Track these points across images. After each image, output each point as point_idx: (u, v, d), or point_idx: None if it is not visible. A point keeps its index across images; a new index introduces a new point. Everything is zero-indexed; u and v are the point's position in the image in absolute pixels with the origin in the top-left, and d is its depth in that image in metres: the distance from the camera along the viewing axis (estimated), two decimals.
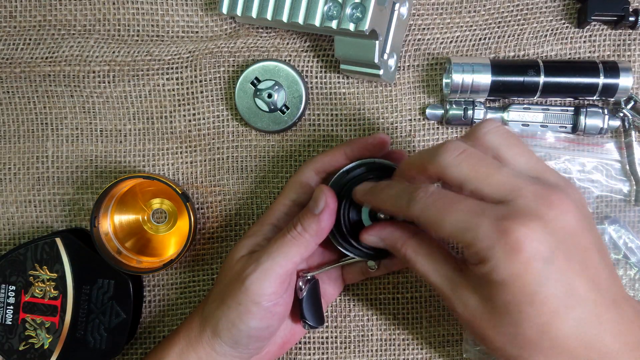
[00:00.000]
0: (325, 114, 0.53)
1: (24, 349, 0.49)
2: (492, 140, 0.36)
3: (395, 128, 0.53)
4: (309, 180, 0.47)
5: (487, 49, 0.53)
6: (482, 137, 0.37)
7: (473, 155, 0.35)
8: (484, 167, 0.34)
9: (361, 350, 0.53)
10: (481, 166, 0.34)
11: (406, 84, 0.53)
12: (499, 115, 0.52)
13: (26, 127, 0.54)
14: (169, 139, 0.54)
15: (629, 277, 0.52)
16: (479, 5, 0.53)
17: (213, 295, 0.46)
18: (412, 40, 0.53)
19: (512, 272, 0.32)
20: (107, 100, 0.53)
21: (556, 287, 0.32)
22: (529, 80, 0.50)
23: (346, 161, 0.46)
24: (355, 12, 0.45)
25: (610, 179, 0.52)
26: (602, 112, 0.51)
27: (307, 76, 0.53)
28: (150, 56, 0.53)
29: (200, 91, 0.53)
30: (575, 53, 0.53)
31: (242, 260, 0.44)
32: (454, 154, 0.35)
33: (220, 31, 0.54)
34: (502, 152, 0.36)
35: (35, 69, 0.53)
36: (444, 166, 0.35)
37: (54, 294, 0.49)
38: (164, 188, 0.51)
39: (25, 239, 0.54)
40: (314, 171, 0.47)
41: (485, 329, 0.34)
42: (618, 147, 0.52)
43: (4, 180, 0.54)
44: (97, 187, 0.54)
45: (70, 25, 0.54)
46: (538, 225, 0.32)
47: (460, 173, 0.35)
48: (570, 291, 0.32)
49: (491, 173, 0.34)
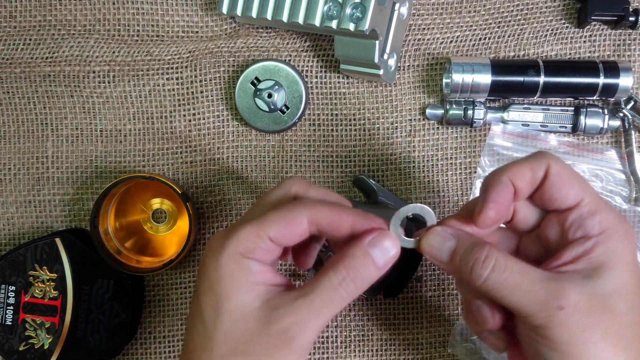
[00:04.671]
0: (325, 114, 0.53)
1: (24, 349, 0.49)
2: None
3: (395, 128, 0.53)
4: (299, 226, 0.36)
5: (487, 49, 0.53)
6: None
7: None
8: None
9: (361, 350, 0.53)
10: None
11: (406, 84, 0.53)
12: (499, 115, 0.52)
13: (26, 127, 0.54)
14: (169, 139, 0.53)
15: None
16: (479, 5, 0.53)
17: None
18: (412, 40, 0.53)
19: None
20: (107, 100, 0.53)
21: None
22: (529, 80, 0.50)
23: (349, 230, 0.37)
24: (355, 12, 0.45)
25: (609, 184, 0.52)
26: (602, 112, 0.51)
27: (307, 76, 0.53)
28: (150, 56, 0.53)
29: (200, 91, 0.53)
30: (575, 53, 0.53)
31: (269, 306, 0.34)
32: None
33: (220, 31, 0.54)
34: None
35: (35, 69, 0.53)
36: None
37: (54, 294, 0.49)
38: (164, 188, 0.51)
39: (25, 239, 0.54)
40: (307, 220, 0.35)
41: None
42: (619, 156, 0.52)
43: (4, 181, 0.54)
44: (97, 187, 0.54)
45: (70, 25, 0.54)
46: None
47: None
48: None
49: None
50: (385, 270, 0.35)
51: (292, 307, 0.34)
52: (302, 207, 0.35)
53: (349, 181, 0.54)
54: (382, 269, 0.35)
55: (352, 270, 0.35)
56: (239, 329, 0.34)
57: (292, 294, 0.34)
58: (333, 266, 0.35)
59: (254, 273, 0.35)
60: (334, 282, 0.34)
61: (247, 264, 0.34)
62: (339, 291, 0.34)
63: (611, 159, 0.52)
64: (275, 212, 0.35)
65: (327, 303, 0.34)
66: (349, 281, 0.34)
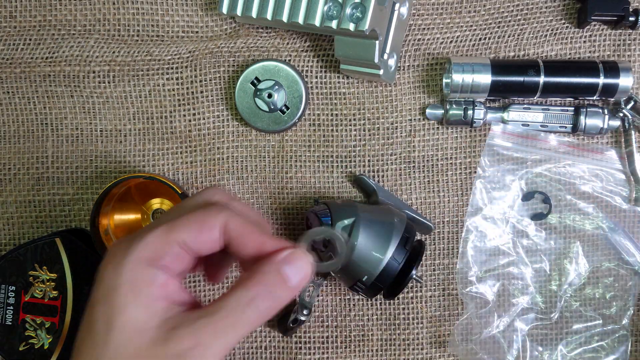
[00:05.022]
0: (325, 114, 0.53)
1: (24, 349, 0.49)
2: None
3: (395, 128, 0.53)
4: (211, 232, 0.33)
5: (487, 49, 0.53)
6: None
7: None
8: None
9: (361, 350, 0.53)
10: None
11: (406, 84, 0.53)
12: (499, 115, 0.52)
13: (26, 128, 0.54)
14: (169, 139, 0.53)
15: (621, 287, 0.52)
16: (479, 5, 0.53)
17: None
18: (412, 40, 0.53)
19: None
20: (107, 100, 0.53)
21: None
22: (529, 80, 0.50)
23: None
24: (355, 12, 0.45)
25: (609, 184, 0.52)
26: (602, 112, 0.51)
27: (307, 76, 0.53)
28: (150, 56, 0.53)
29: (200, 91, 0.53)
30: (575, 53, 0.53)
31: (159, 322, 0.31)
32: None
33: (220, 31, 0.54)
34: None
35: (35, 69, 0.53)
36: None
37: (53, 294, 0.49)
38: (164, 188, 0.51)
39: (25, 239, 0.54)
40: (219, 225, 0.33)
41: None
42: (619, 156, 0.52)
43: (4, 181, 0.54)
44: (97, 187, 0.54)
45: (70, 25, 0.54)
46: None
47: None
48: None
49: None
50: (298, 292, 0.32)
51: (193, 328, 0.30)
52: (215, 211, 0.33)
53: (349, 181, 0.54)
54: (295, 289, 0.32)
55: (263, 288, 0.31)
56: (130, 347, 0.30)
57: (195, 314, 0.31)
58: (242, 283, 0.31)
59: (157, 285, 0.31)
60: (242, 301, 0.31)
61: (151, 273, 0.31)
62: (247, 312, 0.31)
63: (611, 159, 0.52)
64: (187, 216, 0.32)
65: (233, 325, 0.30)
66: (259, 301, 0.31)
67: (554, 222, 0.53)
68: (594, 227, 0.53)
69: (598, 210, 0.52)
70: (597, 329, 0.52)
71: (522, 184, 0.53)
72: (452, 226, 0.53)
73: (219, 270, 0.38)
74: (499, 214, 0.53)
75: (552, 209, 0.53)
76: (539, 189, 0.53)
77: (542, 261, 0.53)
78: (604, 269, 0.53)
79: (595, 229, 0.52)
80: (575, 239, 0.53)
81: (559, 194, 0.53)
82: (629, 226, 0.52)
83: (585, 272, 0.53)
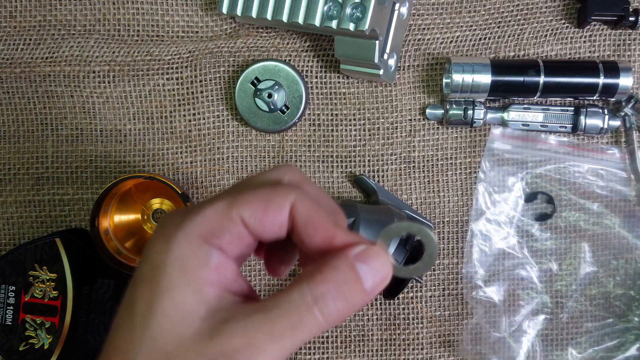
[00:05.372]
0: (325, 114, 0.53)
1: (24, 349, 0.49)
2: None
3: (395, 128, 0.53)
4: (280, 213, 0.28)
5: (487, 49, 0.53)
6: None
7: None
8: None
9: (361, 350, 0.53)
10: None
11: (406, 84, 0.53)
12: (499, 115, 0.52)
13: (26, 127, 0.54)
14: (169, 139, 0.53)
15: (629, 285, 0.52)
16: (479, 5, 0.53)
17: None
18: (412, 40, 0.53)
19: None
20: (107, 100, 0.53)
21: None
22: (529, 80, 0.50)
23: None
24: (355, 12, 0.45)
25: (611, 183, 0.52)
26: (602, 112, 0.51)
27: (307, 76, 0.53)
28: (150, 56, 0.53)
29: (200, 91, 0.53)
30: (575, 53, 0.53)
31: (211, 321, 0.26)
32: None
33: (220, 31, 0.54)
34: None
35: (35, 69, 0.53)
36: None
37: (53, 294, 0.49)
38: (164, 188, 0.51)
39: (25, 239, 0.54)
40: (289, 206, 0.28)
41: None
42: (620, 154, 0.52)
43: (4, 181, 0.54)
44: (97, 187, 0.54)
45: (70, 25, 0.54)
46: None
47: None
48: None
49: None
50: (372, 298, 0.28)
51: (246, 325, 0.25)
52: (285, 190, 0.28)
53: (349, 181, 0.54)
54: (370, 293, 0.27)
55: (334, 287, 0.26)
56: (171, 338, 0.25)
57: (250, 307, 0.26)
58: (306, 278, 0.26)
59: (211, 267, 0.26)
60: (307, 299, 0.26)
61: (205, 252, 0.27)
62: (314, 311, 0.26)
63: (613, 157, 0.52)
64: (253, 191, 0.28)
65: (292, 326, 0.25)
66: (327, 300, 0.26)
67: (558, 222, 0.53)
68: (599, 226, 0.52)
69: (602, 209, 0.52)
70: (607, 329, 0.52)
71: (523, 185, 0.53)
72: (452, 226, 0.53)
73: (282, 262, 0.33)
74: (503, 217, 0.53)
75: (556, 210, 0.53)
76: (540, 190, 0.53)
77: (548, 262, 0.53)
78: (612, 267, 0.52)
79: (600, 228, 0.52)
80: (581, 239, 0.53)
81: (561, 194, 0.53)
82: (632, 223, 0.52)
83: (593, 271, 0.52)
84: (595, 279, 0.53)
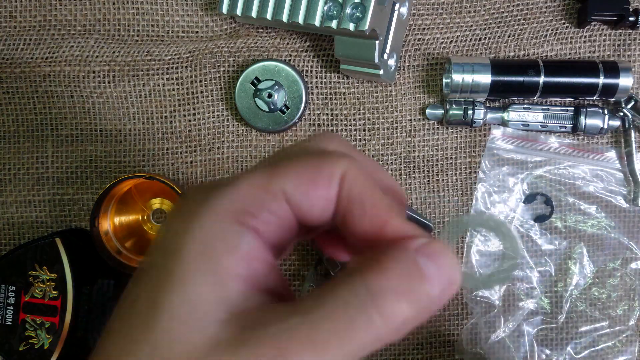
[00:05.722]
0: (325, 114, 0.53)
1: (24, 349, 0.49)
2: None
3: (395, 128, 0.53)
4: (329, 185, 0.22)
5: (487, 49, 0.53)
6: None
7: None
8: None
9: None
10: None
11: (406, 84, 0.53)
12: (499, 115, 0.52)
13: (26, 128, 0.54)
14: (169, 139, 0.53)
15: (626, 287, 0.52)
16: (479, 5, 0.53)
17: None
18: (412, 40, 0.53)
19: None
20: (107, 100, 0.53)
21: None
22: (529, 80, 0.50)
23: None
24: (355, 12, 0.45)
25: (610, 184, 0.52)
26: (602, 112, 0.51)
27: (307, 76, 0.53)
28: (150, 56, 0.53)
29: (200, 91, 0.53)
30: (575, 53, 0.53)
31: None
32: None
33: (220, 31, 0.54)
34: None
35: (35, 69, 0.53)
36: None
37: (54, 294, 0.49)
38: (164, 188, 0.51)
39: (25, 239, 0.54)
40: (341, 177, 0.22)
41: None
42: (618, 156, 0.52)
43: (4, 181, 0.54)
44: (97, 187, 0.54)
45: (70, 25, 0.54)
46: None
47: None
48: None
49: None
50: (436, 310, 0.20)
51: (278, 331, 0.19)
52: (336, 157, 0.22)
53: None
54: (436, 301, 0.20)
55: (399, 280, 0.20)
56: (178, 345, 0.19)
57: (283, 309, 0.20)
58: (357, 270, 0.20)
59: (239, 254, 0.20)
60: (361, 293, 0.19)
61: (235, 233, 0.20)
62: (369, 311, 0.19)
63: (611, 159, 0.52)
64: (297, 159, 0.22)
65: (342, 331, 0.19)
66: (390, 296, 0.19)
67: (557, 224, 0.53)
68: (597, 228, 0.52)
69: (600, 211, 0.52)
70: (604, 330, 0.52)
71: (524, 186, 0.53)
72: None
73: (339, 245, 0.26)
74: (502, 217, 0.53)
75: (555, 211, 0.53)
76: (540, 191, 0.53)
77: (546, 263, 0.53)
78: (609, 269, 0.52)
79: (598, 230, 0.52)
80: (579, 240, 0.53)
81: (560, 195, 0.53)
82: (629, 226, 0.52)
83: (590, 273, 0.52)
84: (592, 282, 0.53)
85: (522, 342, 0.52)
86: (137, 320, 0.20)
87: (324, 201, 0.22)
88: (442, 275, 0.21)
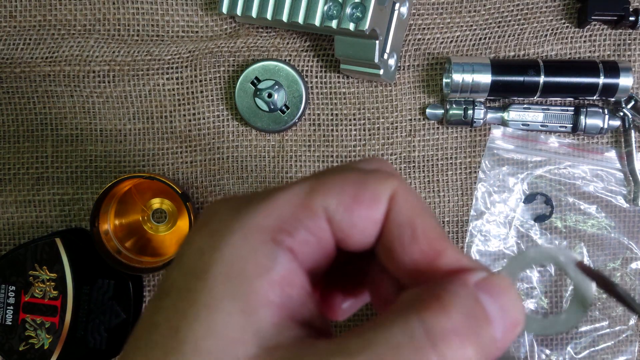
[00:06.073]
0: (325, 113, 0.53)
1: (24, 349, 0.49)
2: None
3: (395, 128, 0.53)
4: (376, 204, 0.20)
5: (487, 49, 0.53)
6: None
7: None
8: None
9: None
10: None
11: (406, 83, 0.53)
12: (499, 115, 0.52)
13: (26, 127, 0.54)
14: (169, 139, 0.53)
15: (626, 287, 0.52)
16: (479, 5, 0.53)
17: None
18: (412, 40, 0.53)
19: None
20: (107, 100, 0.53)
21: None
22: (529, 80, 0.50)
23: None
24: (355, 11, 0.45)
25: (610, 184, 0.52)
26: (602, 112, 0.51)
27: (307, 76, 0.53)
28: (150, 56, 0.53)
29: (200, 91, 0.53)
30: (575, 53, 0.53)
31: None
32: None
33: (220, 31, 0.54)
34: None
35: (35, 69, 0.53)
36: None
37: (54, 294, 0.49)
38: (164, 188, 0.51)
39: (25, 239, 0.54)
40: (389, 196, 0.20)
41: None
42: (619, 156, 0.52)
43: (4, 181, 0.54)
44: (97, 187, 0.54)
45: (70, 25, 0.54)
46: None
47: None
48: None
49: None
50: (498, 355, 0.18)
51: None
52: (386, 176, 0.20)
53: None
54: (500, 344, 0.18)
55: (462, 320, 0.17)
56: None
57: (322, 346, 0.17)
58: (414, 307, 0.17)
59: (274, 277, 0.18)
60: (419, 334, 0.17)
61: (270, 253, 0.18)
62: (428, 355, 0.16)
63: (611, 159, 0.52)
64: (340, 176, 0.20)
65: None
66: (452, 339, 0.17)
67: (557, 224, 0.53)
68: (597, 228, 0.52)
69: (600, 211, 0.52)
70: (604, 330, 0.52)
71: (524, 186, 0.53)
72: (452, 226, 0.53)
73: (346, 295, 0.23)
74: (502, 217, 0.53)
75: (555, 211, 0.53)
76: (540, 191, 0.53)
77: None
78: (609, 269, 0.53)
79: (598, 230, 0.52)
80: (579, 240, 0.53)
81: (560, 195, 0.53)
82: (629, 226, 0.52)
83: None
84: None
85: (522, 342, 0.52)
86: (157, 351, 0.18)
87: (369, 222, 0.20)
88: (505, 315, 0.18)
